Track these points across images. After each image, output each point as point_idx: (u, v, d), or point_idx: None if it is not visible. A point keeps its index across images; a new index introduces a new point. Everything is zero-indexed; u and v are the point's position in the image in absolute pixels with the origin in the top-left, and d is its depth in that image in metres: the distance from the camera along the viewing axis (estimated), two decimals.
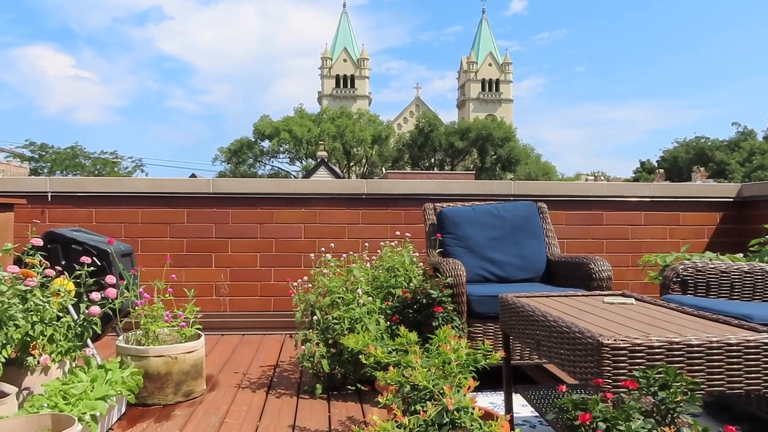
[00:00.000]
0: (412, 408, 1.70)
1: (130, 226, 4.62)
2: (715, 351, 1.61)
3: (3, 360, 2.15)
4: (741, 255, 3.93)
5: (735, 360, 1.62)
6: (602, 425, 1.41)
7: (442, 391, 1.67)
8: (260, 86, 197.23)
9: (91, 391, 2.33)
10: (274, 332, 4.50)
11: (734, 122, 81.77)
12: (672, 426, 1.40)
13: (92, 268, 2.75)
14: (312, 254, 3.38)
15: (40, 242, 2.73)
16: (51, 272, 2.63)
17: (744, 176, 48.93)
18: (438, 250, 3.55)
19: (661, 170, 50.23)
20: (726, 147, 55.15)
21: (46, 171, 49.75)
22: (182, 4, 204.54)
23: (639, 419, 1.41)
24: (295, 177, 50.77)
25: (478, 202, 3.89)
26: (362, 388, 2.99)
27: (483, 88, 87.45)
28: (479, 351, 1.90)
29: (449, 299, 2.94)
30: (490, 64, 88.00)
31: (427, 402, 1.69)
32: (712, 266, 3.04)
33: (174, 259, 4.32)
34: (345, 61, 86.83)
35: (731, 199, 5.05)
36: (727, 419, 2.41)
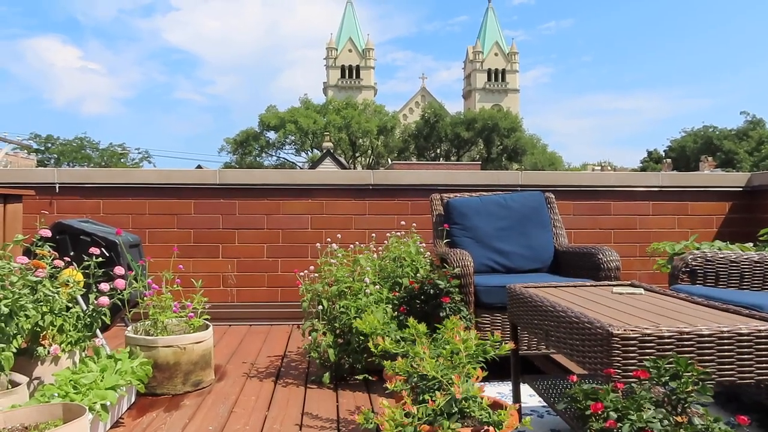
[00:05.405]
0: (421, 398, 1.71)
1: (138, 217, 4.64)
2: (726, 341, 1.60)
3: (14, 350, 2.16)
4: (750, 244, 3.91)
5: (746, 350, 1.61)
6: (614, 415, 1.41)
7: (450, 381, 1.67)
8: (266, 77, 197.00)
9: (101, 380, 2.34)
10: (281, 323, 4.52)
11: (743, 111, 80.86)
12: (683, 416, 1.40)
13: (101, 259, 2.76)
14: (318, 244, 3.38)
15: (48, 233, 2.74)
16: (60, 263, 2.64)
17: (752, 165, 48.51)
18: (445, 241, 3.55)
19: (669, 160, 49.89)
20: (734, 136, 54.67)
21: (52, 163, 49.89)
22: None
23: (650, 409, 1.41)
24: (301, 168, 50.76)
25: (485, 193, 3.88)
26: (370, 378, 3.00)
27: (489, 78, 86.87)
28: (488, 342, 1.90)
29: (456, 290, 2.94)
30: (496, 54, 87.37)
31: (436, 392, 1.69)
32: (722, 256, 3.02)
33: (181, 250, 4.32)
34: (350, 51, 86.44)
35: (740, 189, 5.01)
36: (736, 409, 2.40)
